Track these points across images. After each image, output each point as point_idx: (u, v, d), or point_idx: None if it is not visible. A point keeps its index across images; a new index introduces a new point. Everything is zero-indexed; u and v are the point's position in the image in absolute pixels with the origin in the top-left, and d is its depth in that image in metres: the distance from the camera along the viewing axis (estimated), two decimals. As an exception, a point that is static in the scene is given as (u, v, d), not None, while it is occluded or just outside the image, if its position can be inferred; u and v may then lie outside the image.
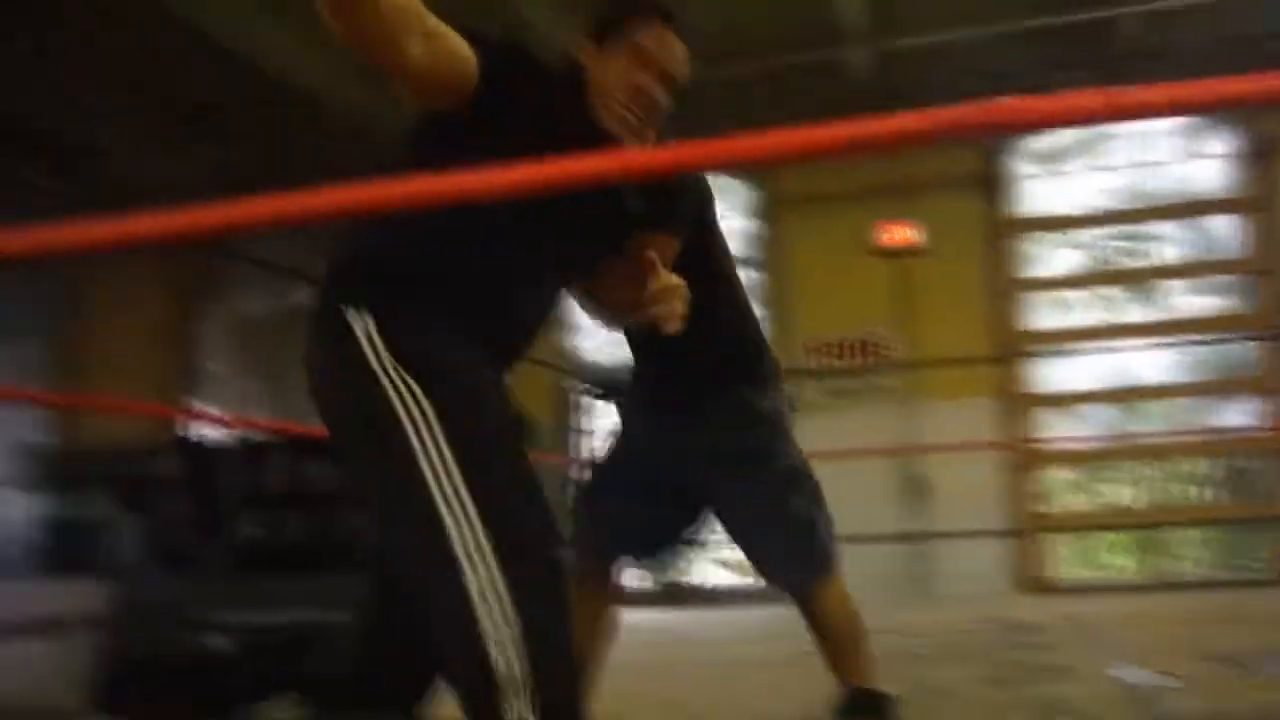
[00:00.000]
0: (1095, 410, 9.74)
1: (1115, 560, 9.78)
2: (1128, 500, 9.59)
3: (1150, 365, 9.42)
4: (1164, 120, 8.46)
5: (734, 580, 9.68)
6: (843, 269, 9.31)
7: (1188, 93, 0.98)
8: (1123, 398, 9.55)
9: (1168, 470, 9.36)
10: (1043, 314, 9.56)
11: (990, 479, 8.73)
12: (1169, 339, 9.24)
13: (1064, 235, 9.78)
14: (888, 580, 8.27)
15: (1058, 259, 9.77)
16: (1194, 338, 9.09)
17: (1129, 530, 9.57)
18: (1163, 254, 9.61)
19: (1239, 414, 9.33)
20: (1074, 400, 9.53)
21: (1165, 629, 5.62)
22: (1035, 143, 9.49)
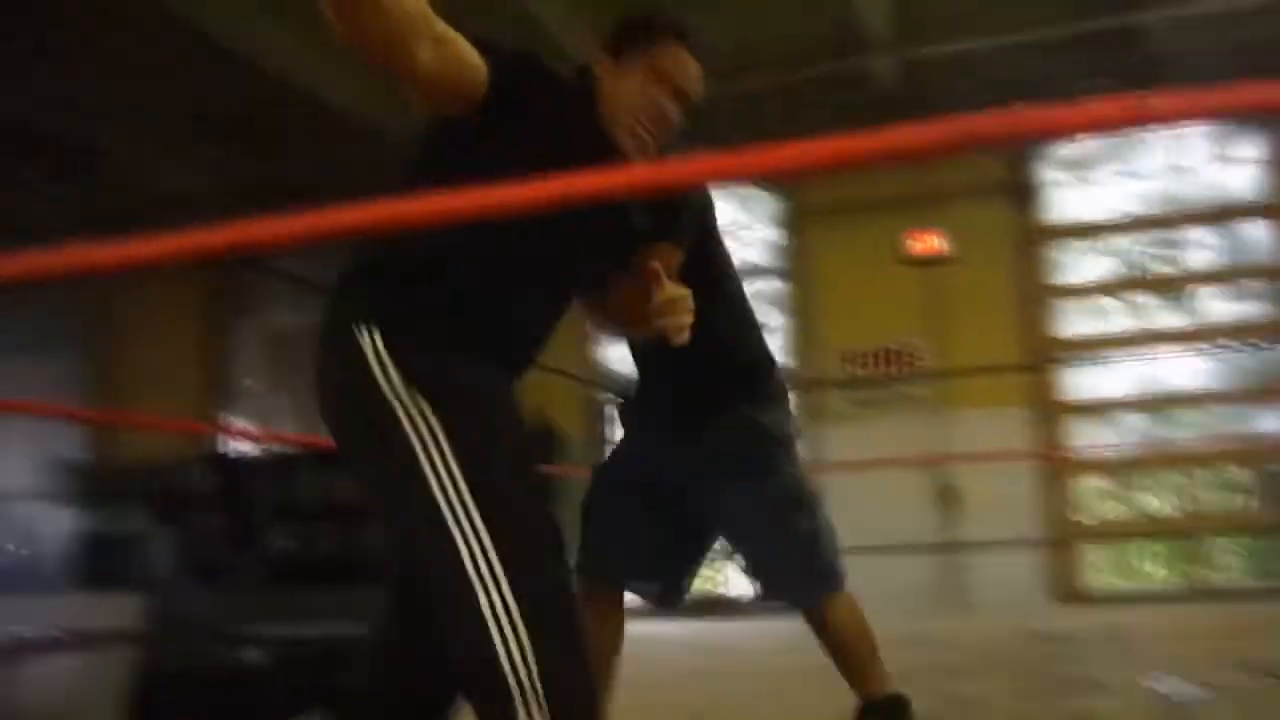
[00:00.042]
0: (1128, 418, 9.66)
1: (1149, 569, 9.68)
2: (1162, 509, 9.49)
3: (1183, 372, 9.33)
4: (1194, 125, 8.40)
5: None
6: (871, 279, 9.28)
7: (1213, 99, 0.98)
8: (1156, 405, 9.46)
9: (1202, 478, 9.25)
10: (1074, 321, 9.49)
11: (1023, 488, 8.66)
12: (1202, 345, 9.15)
13: (1094, 242, 9.71)
14: (920, 591, 8.22)
15: (1088, 266, 9.71)
16: (1227, 344, 8.99)
17: (1163, 539, 9.47)
18: (1195, 260, 9.53)
19: (1273, 420, 9.21)
20: (1107, 408, 9.45)
21: (1200, 639, 5.55)
22: (1064, 149, 9.44)
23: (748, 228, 10.30)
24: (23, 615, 5.77)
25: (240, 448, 9.51)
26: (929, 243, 8.97)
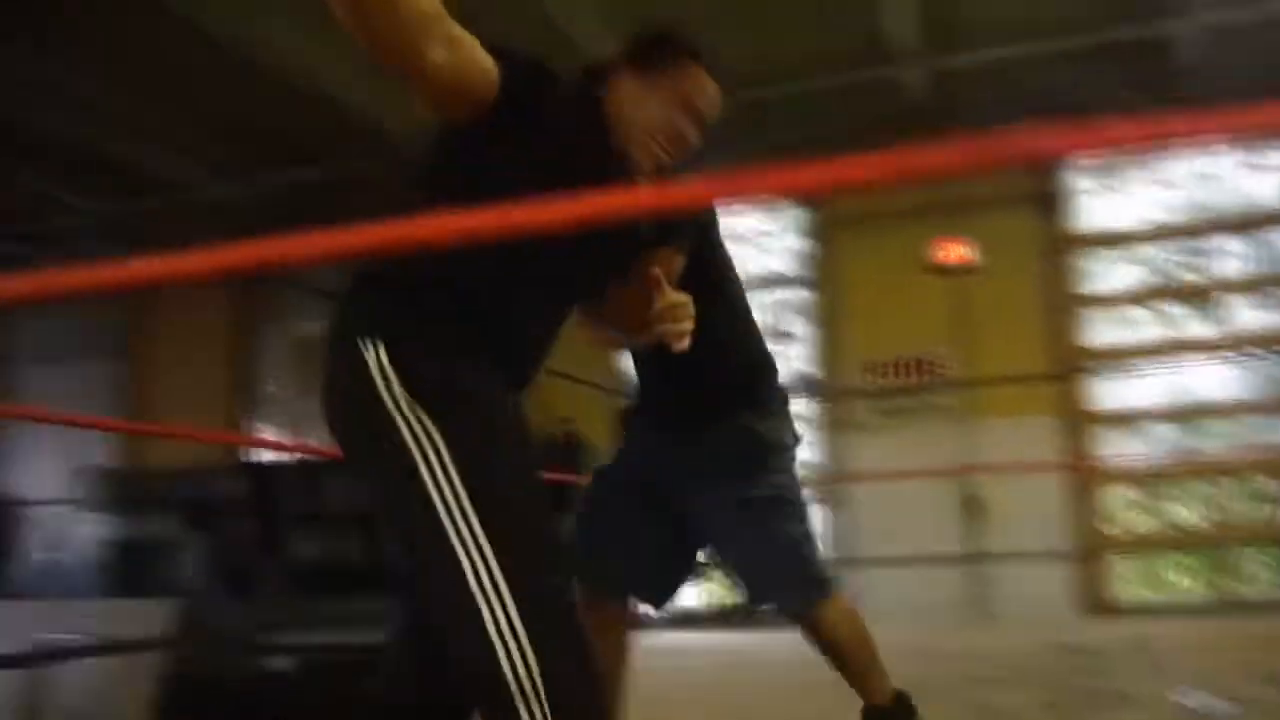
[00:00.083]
0: (1156, 428, 9.58)
1: (1179, 581, 9.59)
2: (1191, 520, 9.40)
3: (1212, 382, 9.25)
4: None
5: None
6: (897, 287, 9.26)
7: (1234, 120, 0.98)
8: (1184, 415, 9.38)
9: (1231, 489, 9.17)
10: (1102, 331, 9.43)
11: (1050, 499, 8.61)
12: (1231, 355, 9.08)
13: (1122, 250, 9.65)
14: (947, 602, 8.19)
15: (1117, 275, 9.64)
16: (1256, 353, 8.91)
17: (1192, 550, 9.38)
18: (1223, 268, 9.45)
19: (1304, 431, 9.12)
20: (1134, 418, 9.38)
21: (1230, 652, 5.50)
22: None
23: (773, 236, 10.30)
24: (54, 621, 5.84)
25: (268, 455, 9.58)
26: (955, 251, 8.94)
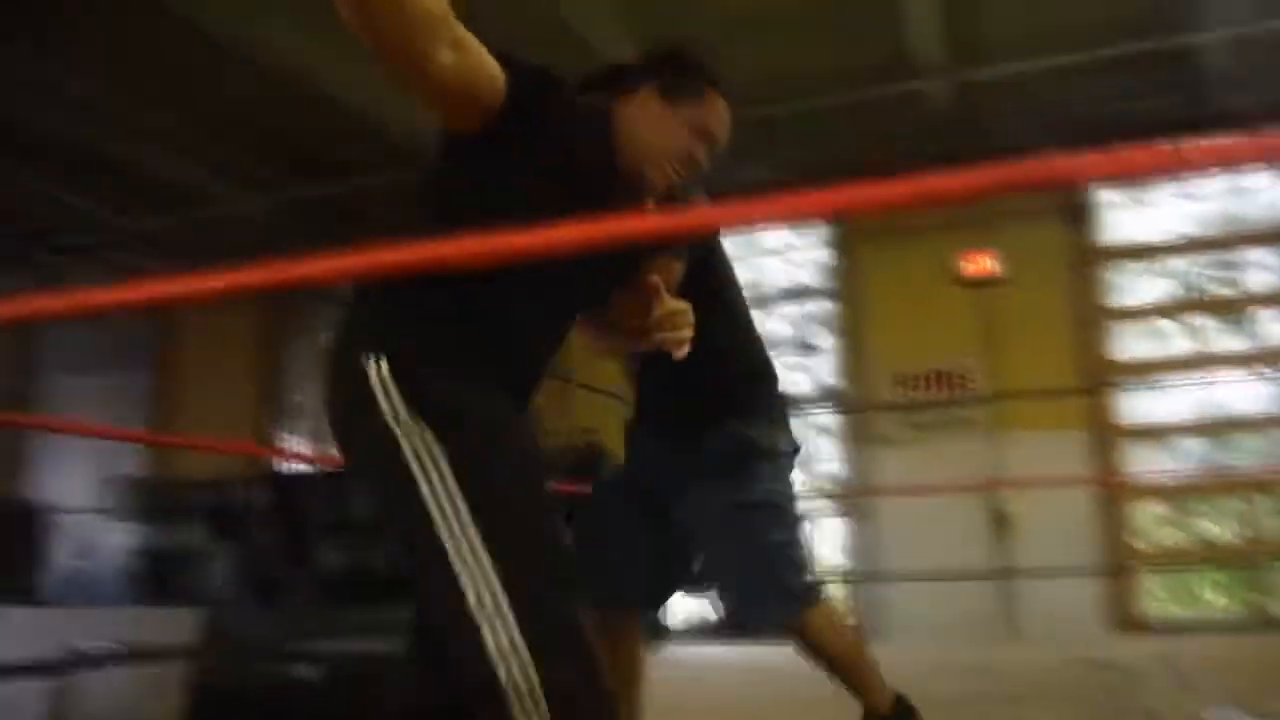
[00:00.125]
0: (1186, 442, 9.48)
1: (1208, 598, 9.48)
2: (1221, 535, 9.30)
3: (1243, 396, 9.15)
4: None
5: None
6: (923, 300, 9.22)
7: (1248, 147, 0.98)
8: (1215, 429, 9.28)
9: (1263, 504, 9.06)
10: (1130, 344, 9.36)
11: (1079, 514, 8.53)
12: (1262, 368, 8.98)
13: (1151, 263, 9.57)
14: (974, 618, 8.13)
15: (1145, 288, 9.57)
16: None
17: (1223, 566, 9.28)
18: (1254, 281, 9.36)
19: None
20: (1164, 432, 9.29)
21: (1262, 670, 5.44)
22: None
23: (799, 249, 10.28)
24: (82, 628, 5.87)
25: (294, 464, 9.63)
26: (982, 264, 8.90)
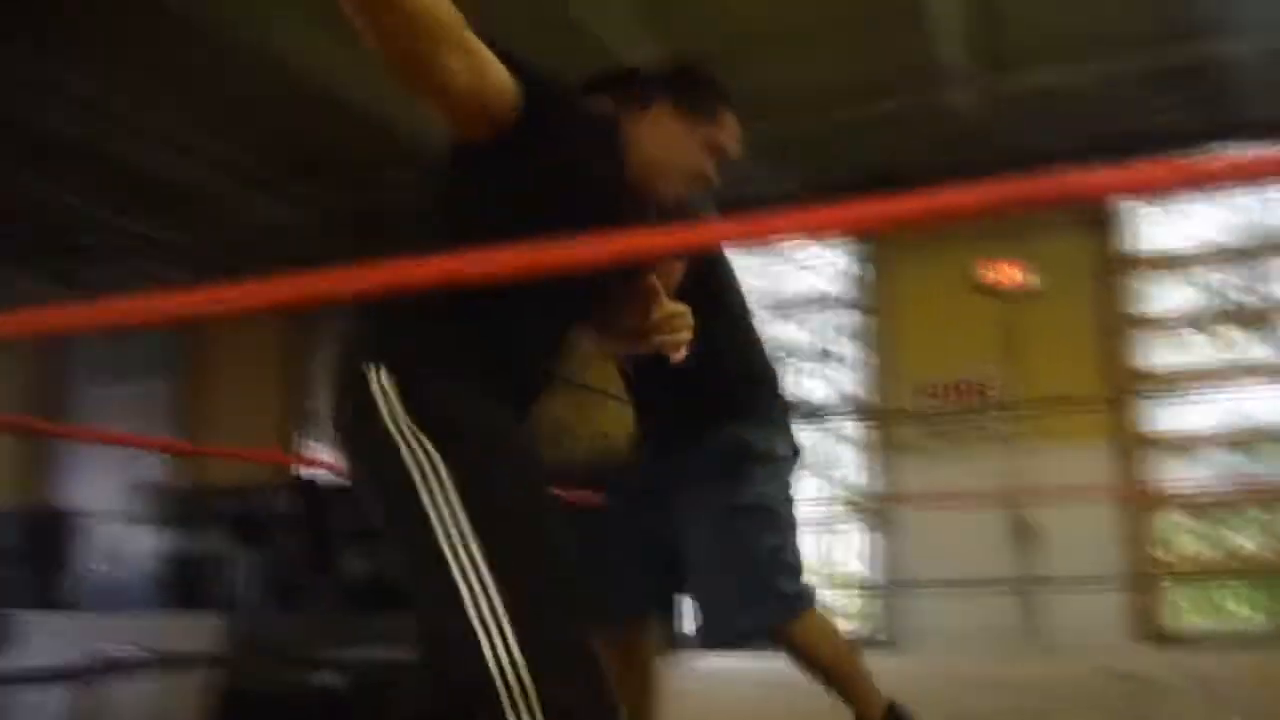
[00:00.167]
0: (1213, 453, 9.41)
1: (1235, 610, 9.40)
2: (1249, 547, 9.22)
3: (1271, 407, 9.07)
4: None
5: (838, 626, 9.56)
6: (948, 309, 9.18)
7: (1271, 162, 0.98)
8: (1242, 440, 9.21)
9: (1292, 516, 8.98)
10: (1157, 354, 9.29)
11: (1104, 525, 8.47)
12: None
13: (1178, 272, 9.51)
14: (998, 630, 8.08)
15: (1173, 297, 9.51)
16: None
17: (1250, 578, 9.19)
18: (1283, 291, 9.29)
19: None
20: (1191, 443, 9.22)
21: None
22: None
23: (823, 258, 10.26)
24: (109, 633, 5.93)
25: (320, 471, 9.68)
26: (1007, 273, 8.86)
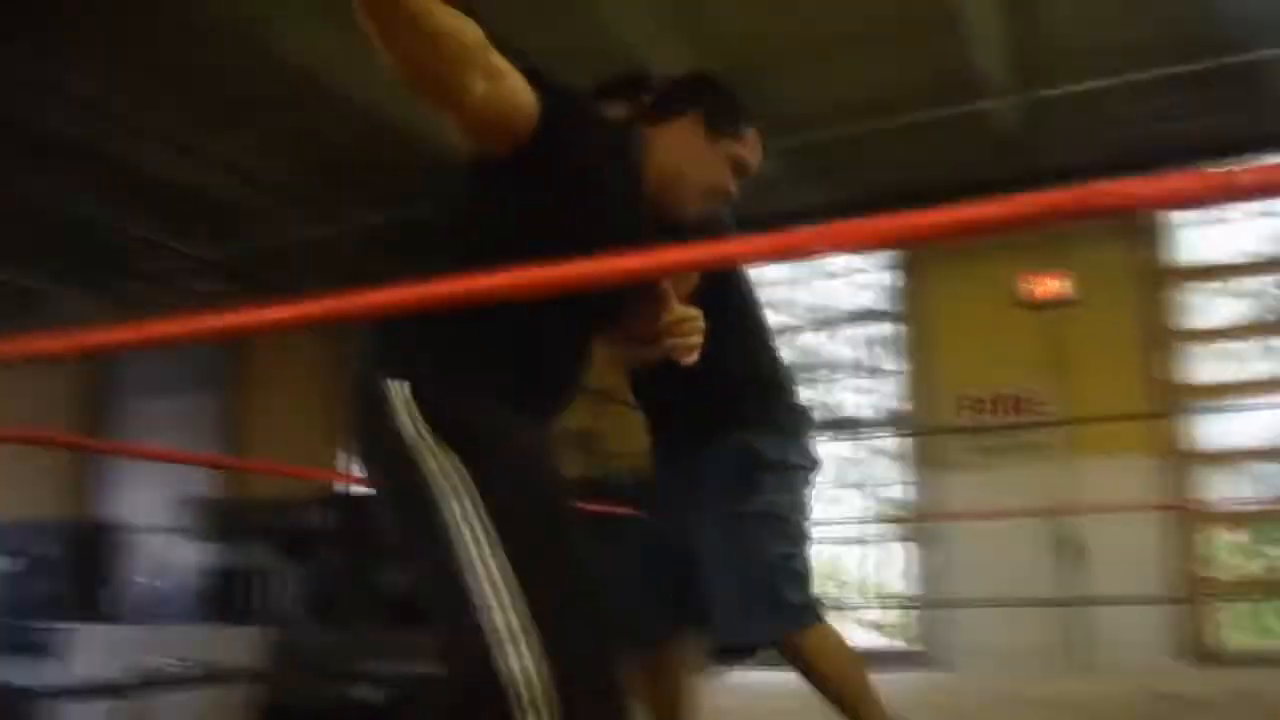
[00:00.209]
0: (1263, 467, 9.24)
1: (1288, 628, 9.23)
2: (1301, 564, 9.05)
3: (1323, 420, 8.92)
4: None
5: (879, 642, 9.50)
6: (989, 321, 9.11)
7: None
8: (1292, 454, 9.05)
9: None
10: (1204, 366, 9.16)
11: (1151, 541, 8.34)
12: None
13: (1225, 283, 9.38)
14: (1041, 647, 7.98)
15: (1219, 308, 9.37)
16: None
17: (1301, 595, 9.02)
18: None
19: None
20: (1239, 457, 9.07)
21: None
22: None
23: (863, 270, 10.22)
24: (154, 646, 5.99)
25: (361, 486, 9.75)
26: (1049, 285, 8.78)
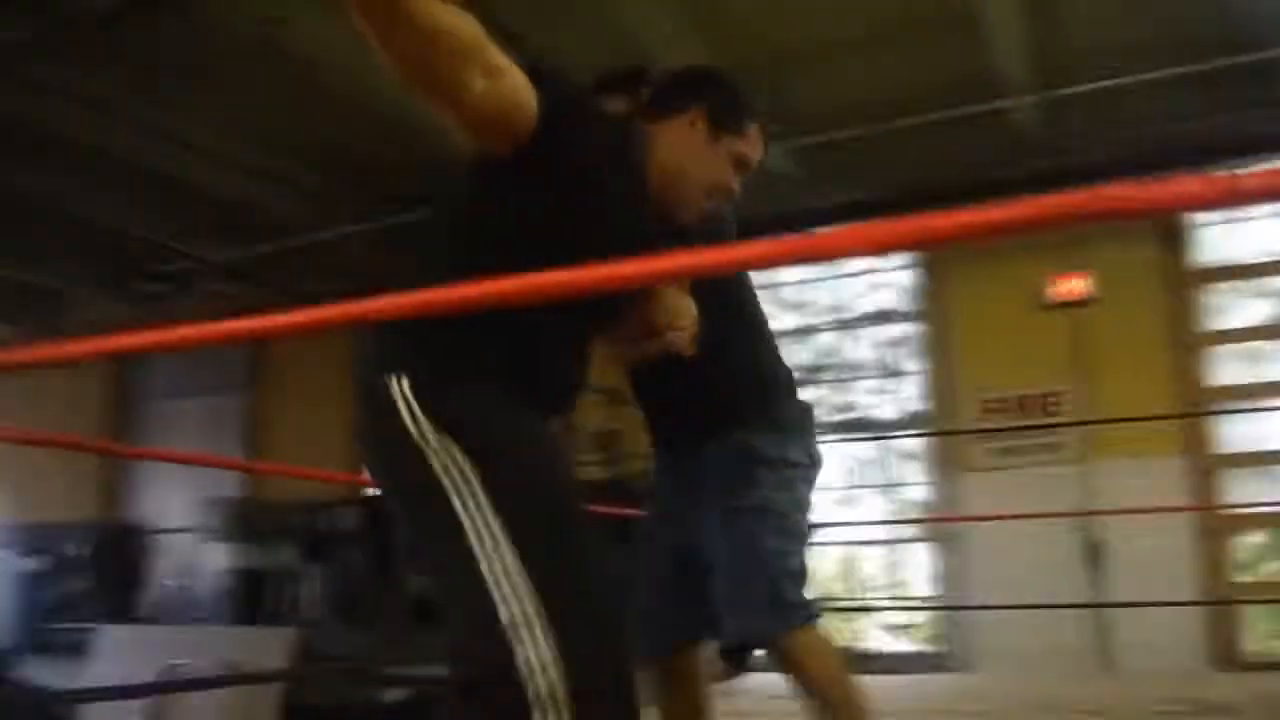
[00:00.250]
0: (1291, 469, 9.16)
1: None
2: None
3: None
4: None
5: (900, 646, 9.48)
6: (1013, 322, 9.07)
7: None
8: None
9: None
10: (1229, 367, 9.09)
11: (1177, 544, 8.29)
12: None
13: (1250, 283, 9.30)
14: (1067, 653, 7.93)
15: (1243, 309, 9.30)
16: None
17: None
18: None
19: None
20: (1266, 459, 8.99)
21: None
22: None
23: (882, 270, 10.18)
24: (180, 647, 6.04)
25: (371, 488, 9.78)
26: (1072, 285, 8.74)
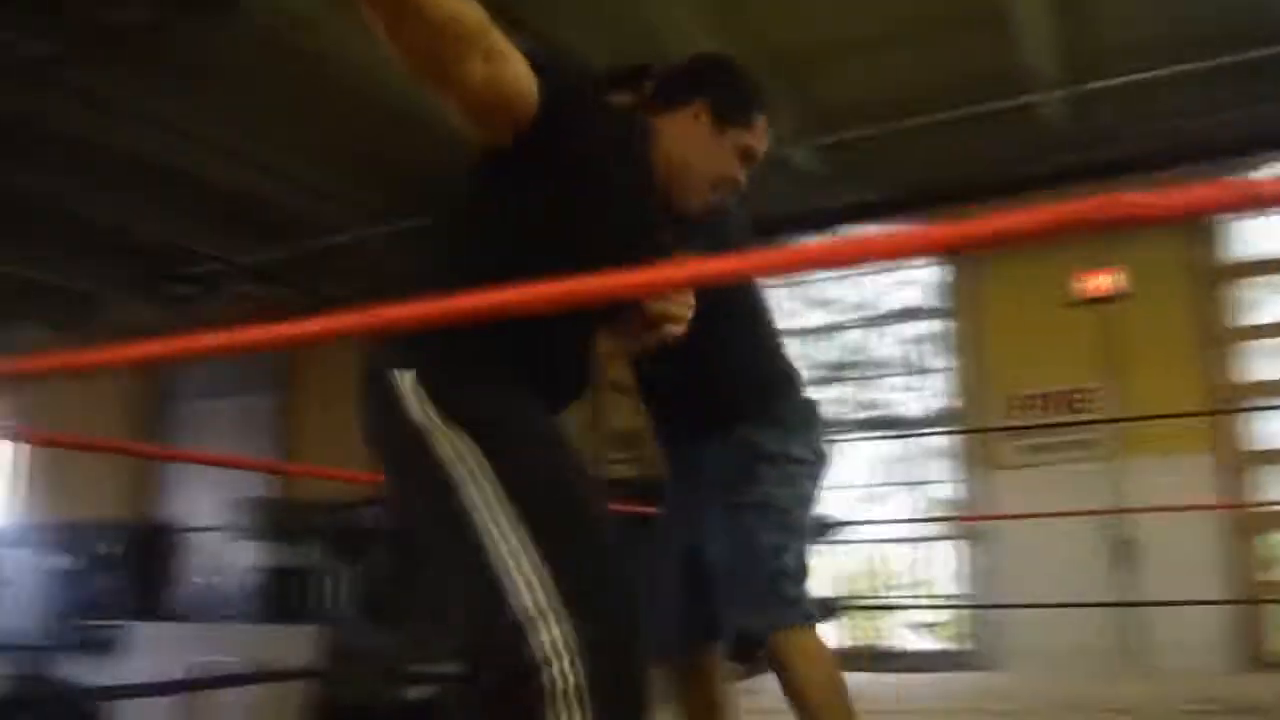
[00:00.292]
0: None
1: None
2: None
3: (1387, 418, 8.71)
4: None
5: (926, 644, 9.44)
6: (1041, 318, 9.00)
7: None
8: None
9: None
10: (1261, 364, 8.98)
11: (1208, 543, 8.22)
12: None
13: (1281, 278, 9.20)
14: (1095, 652, 7.87)
15: (1276, 305, 9.18)
16: None
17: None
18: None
19: None
20: (1300, 456, 8.89)
21: None
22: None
23: (912, 268, 10.13)
24: (211, 645, 6.10)
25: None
26: (1102, 281, 8.66)
